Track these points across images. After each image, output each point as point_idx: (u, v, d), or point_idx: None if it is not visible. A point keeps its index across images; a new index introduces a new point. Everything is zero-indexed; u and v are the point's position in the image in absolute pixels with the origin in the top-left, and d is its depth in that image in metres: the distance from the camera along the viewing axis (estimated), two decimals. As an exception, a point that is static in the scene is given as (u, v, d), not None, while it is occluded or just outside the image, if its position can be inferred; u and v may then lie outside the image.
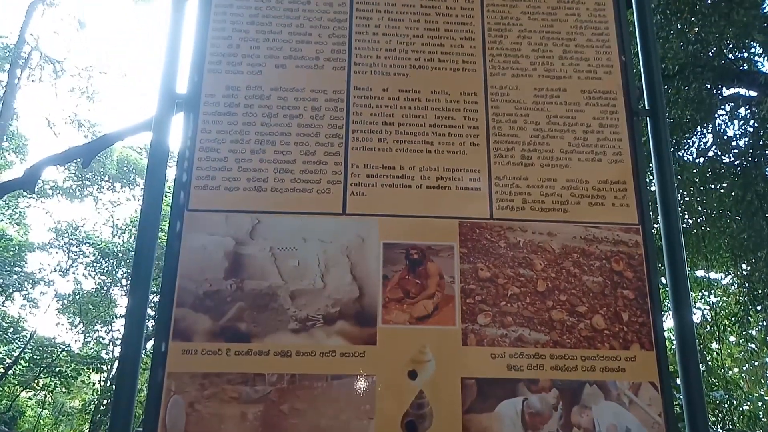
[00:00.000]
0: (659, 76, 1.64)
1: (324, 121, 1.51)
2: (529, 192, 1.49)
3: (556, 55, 1.62)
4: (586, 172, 1.52)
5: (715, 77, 5.75)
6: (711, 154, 6.37)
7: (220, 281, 1.36)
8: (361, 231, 1.42)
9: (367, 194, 1.46)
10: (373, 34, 1.60)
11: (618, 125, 1.57)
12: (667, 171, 1.55)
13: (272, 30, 1.58)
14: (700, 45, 5.72)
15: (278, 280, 1.37)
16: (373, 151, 1.50)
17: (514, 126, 1.55)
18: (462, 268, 1.41)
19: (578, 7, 1.68)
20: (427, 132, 1.53)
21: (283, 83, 1.53)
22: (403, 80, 1.57)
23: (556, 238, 1.46)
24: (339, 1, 1.62)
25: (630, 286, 1.44)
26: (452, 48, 1.61)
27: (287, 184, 1.45)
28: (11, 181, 3.89)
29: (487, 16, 1.65)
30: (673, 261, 1.48)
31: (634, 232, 1.48)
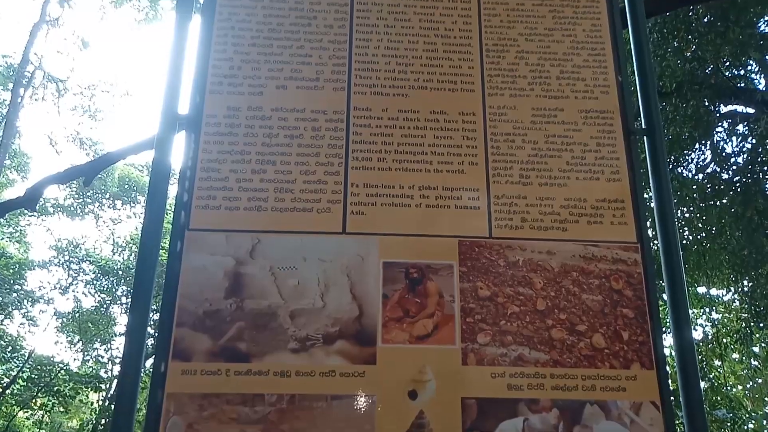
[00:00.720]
0: (655, 96, 1.66)
1: (324, 141, 1.52)
2: (528, 211, 1.50)
3: (554, 76, 1.64)
4: (585, 190, 1.53)
5: (713, 94, 5.80)
6: (710, 170, 6.40)
7: (220, 301, 1.36)
8: (360, 250, 1.43)
9: (366, 213, 1.47)
10: (372, 56, 1.62)
11: (615, 144, 1.58)
12: (665, 189, 1.56)
13: (273, 51, 1.60)
14: (697, 63, 5.78)
15: (278, 300, 1.37)
16: (373, 171, 1.51)
17: (512, 145, 1.56)
18: (462, 286, 1.41)
19: (574, 29, 1.70)
20: (426, 151, 1.54)
21: (283, 104, 1.55)
22: (402, 100, 1.58)
23: (555, 256, 1.47)
24: (339, 24, 1.65)
25: (629, 304, 1.44)
26: (451, 68, 1.63)
27: (287, 204, 1.46)
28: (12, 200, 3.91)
29: (485, 37, 1.67)
30: (673, 279, 1.48)
31: (633, 251, 1.49)
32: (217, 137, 1.50)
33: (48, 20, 13.65)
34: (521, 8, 1.71)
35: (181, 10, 1.63)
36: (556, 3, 1.72)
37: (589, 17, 1.72)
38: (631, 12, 1.74)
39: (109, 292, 14.68)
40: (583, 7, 1.73)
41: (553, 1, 1.72)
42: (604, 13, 1.72)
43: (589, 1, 1.74)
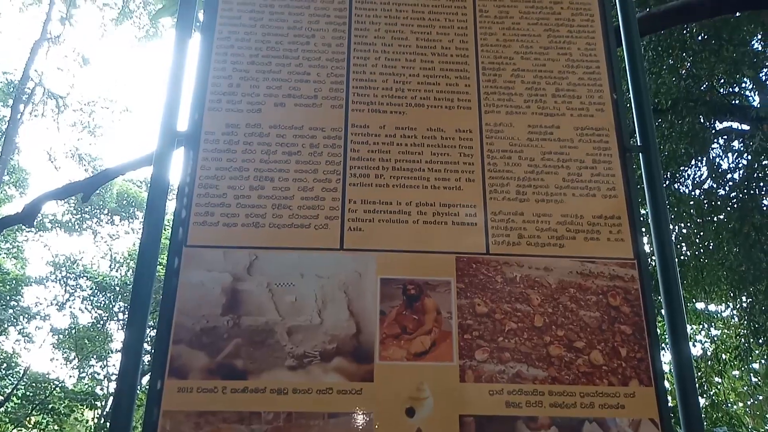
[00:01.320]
0: (650, 113, 1.67)
1: (322, 158, 1.53)
2: (525, 227, 1.51)
3: (549, 93, 1.66)
4: (581, 207, 1.54)
5: (708, 111, 5.86)
6: (706, 186, 6.43)
7: (217, 317, 1.36)
8: (358, 266, 1.43)
9: (364, 230, 1.47)
10: (370, 74, 1.64)
11: (611, 161, 1.60)
12: (661, 206, 1.57)
13: (272, 69, 1.62)
14: (692, 80, 5.84)
15: (275, 316, 1.37)
16: (371, 187, 1.52)
17: (508, 162, 1.57)
18: (459, 303, 1.41)
19: (570, 47, 1.72)
20: (423, 168, 1.55)
21: (282, 121, 1.56)
22: (399, 118, 1.60)
23: (553, 273, 1.47)
24: (337, 42, 1.67)
25: (627, 321, 1.44)
26: (447, 86, 1.65)
27: (285, 220, 1.46)
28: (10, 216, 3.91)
29: (482, 55, 1.69)
30: (670, 295, 1.48)
31: (630, 267, 1.49)
32: (215, 154, 1.51)
33: (49, 38, 13.77)
34: (517, 27, 1.74)
35: (181, 28, 1.65)
36: (552, 22, 1.75)
37: (584, 36, 1.74)
38: (626, 31, 1.77)
39: (106, 309, 14.60)
40: (578, 27, 1.75)
41: (549, 21, 1.75)
42: (599, 32, 1.75)
43: (583, 21, 1.76)
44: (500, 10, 1.76)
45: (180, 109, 1.57)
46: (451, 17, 1.73)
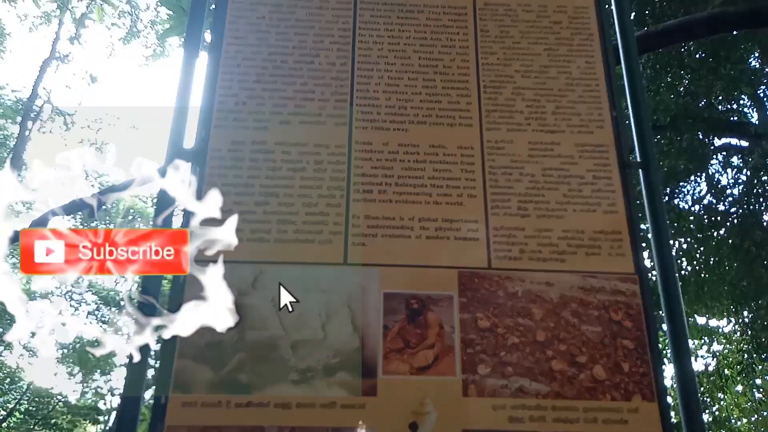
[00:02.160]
0: (650, 130, 1.70)
1: (326, 174, 1.55)
2: (526, 242, 1.53)
3: (549, 111, 1.69)
4: (582, 222, 1.56)
5: (707, 128, 5.90)
6: (706, 202, 6.45)
7: (222, 332, 1.36)
8: (362, 281, 1.45)
9: (367, 244, 1.49)
10: (373, 92, 1.67)
11: (611, 177, 1.62)
12: (661, 221, 1.58)
13: (277, 88, 1.65)
14: (690, 97, 5.89)
15: (279, 331, 1.38)
16: (374, 203, 1.54)
17: (510, 178, 1.60)
18: (462, 317, 1.43)
19: (569, 66, 1.76)
20: (425, 184, 1.57)
21: (287, 138, 1.59)
22: (402, 135, 1.62)
23: (554, 287, 1.48)
24: (341, 61, 1.70)
25: (629, 335, 1.45)
26: (449, 104, 1.68)
27: (290, 235, 1.48)
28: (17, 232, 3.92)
29: (483, 74, 1.73)
30: (671, 310, 1.49)
31: (631, 282, 1.50)
32: (221, 170, 1.54)
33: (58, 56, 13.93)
34: (517, 47, 1.77)
35: (189, 48, 1.69)
36: (551, 42, 1.78)
37: (583, 55, 1.77)
38: (624, 50, 1.80)
39: (111, 323, 14.57)
40: (577, 46, 1.79)
41: (548, 40, 1.79)
42: (598, 51, 1.78)
43: (583, 40, 1.80)
44: (501, 29, 1.79)
45: (187, 127, 1.60)
46: (453, 37, 1.77)
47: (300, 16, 1.76)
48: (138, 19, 13.12)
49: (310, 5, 1.77)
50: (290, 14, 1.76)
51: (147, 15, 13.18)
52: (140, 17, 13.18)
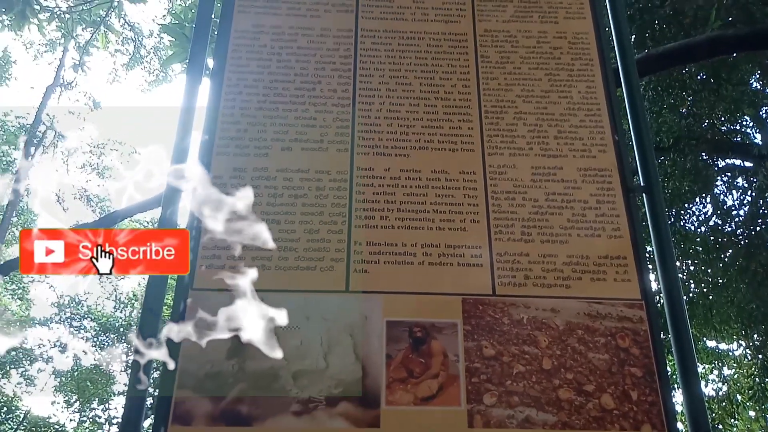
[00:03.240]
0: (652, 154, 1.69)
1: (328, 201, 1.55)
2: (531, 268, 1.51)
3: (551, 135, 1.69)
4: (586, 247, 1.54)
5: (710, 149, 5.90)
6: (712, 223, 6.41)
7: (222, 362, 1.35)
8: (364, 308, 1.43)
9: (370, 271, 1.47)
10: (375, 118, 1.67)
11: (615, 201, 1.60)
12: (666, 246, 1.56)
13: (279, 115, 1.66)
14: (692, 119, 5.90)
15: (280, 361, 1.36)
16: (376, 229, 1.53)
17: (513, 203, 1.59)
18: (466, 345, 1.40)
19: (570, 90, 1.76)
20: (428, 209, 1.56)
21: (288, 164, 1.59)
22: (404, 160, 1.62)
23: (560, 314, 1.46)
24: (342, 88, 1.71)
25: (637, 363, 1.42)
26: (451, 129, 1.67)
27: (291, 262, 1.47)
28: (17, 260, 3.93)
29: (484, 99, 1.73)
30: (679, 335, 1.46)
31: (638, 308, 1.48)
32: (222, 197, 1.53)
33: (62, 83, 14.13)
34: (518, 72, 1.78)
35: (192, 74, 1.70)
36: (552, 67, 1.79)
37: (584, 80, 1.78)
38: (624, 74, 1.81)
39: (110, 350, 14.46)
40: (578, 71, 1.79)
41: (549, 66, 1.79)
42: (599, 75, 1.79)
43: (583, 65, 1.80)
44: (501, 55, 1.80)
45: (189, 153, 1.60)
46: (454, 63, 1.78)
47: (301, 44, 1.77)
48: (141, 45, 13.33)
49: (312, 33, 1.79)
50: (292, 42, 1.77)
51: (150, 41, 13.40)
52: (143, 44, 13.39)
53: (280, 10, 1.83)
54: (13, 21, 4.48)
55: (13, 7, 4.20)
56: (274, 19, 1.81)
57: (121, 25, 10.99)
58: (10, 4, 4.19)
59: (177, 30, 3.56)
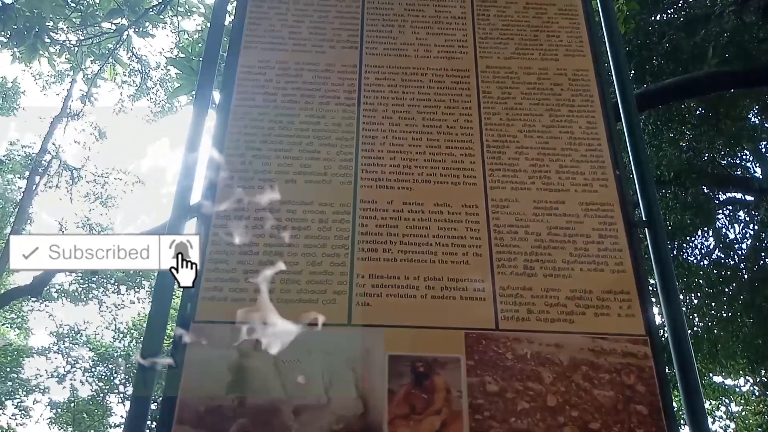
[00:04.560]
0: (653, 189, 1.70)
1: (331, 233, 1.55)
2: (534, 302, 1.50)
3: (553, 170, 1.70)
4: (589, 282, 1.54)
5: (711, 183, 5.93)
6: (715, 257, 6.39)
7: (223, 397, 1.33)
8: (366, 342, 1.42)
9: (372, 304, 1.47)
10: (378, 151, 1.69)
11: (617, 236, 1.61)
12: (670, 280, 1.56)
13: (284, 148, 1.68)
14: (693, 152, 5.95)
15: (281, 395, 1.34)
16: (378, 261, 1.53)
17: (515, 237, 1.59)
18: (469, 381, 1.38)
19: (571, 126, 1.78)
20: (430, 243, 1.56)
21: (292, 197, 1.60)
22: (407, 193, 1.63)
23: (564, 349, 1.44)
24: (347, 122, 1.73)
25: (643, 400, 1.40)
26: (453, 163, 1.69)
27: (293, 295, 1.46)
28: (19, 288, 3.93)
29: (486, 134, 1.75)
30: (685, 373, 1.44)
31: (642, 344, 1.46)
32: (226, 229, 1.54)
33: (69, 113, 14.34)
34: (519, 107, 1.81)
35: (198, 108, 1.73)
36: (552, 102, 1.82)
37: (584, 115, 1.80)
38: (624, 109, 1.83)
39: (107, 381, 14.27)
40: (578, 106, 1.82)
41: (550, 101, 1.82)
42: (599, 111, 1.81)
43: (583, 101, 1.83)
44: (503, 91, 1.83)
45: (194, 186, 1.62)
46: (456, 98, 1.81)
47: (307, 78, 1.81)
48: (148, 77, 13.56)
49: (317, 68, 1.83)
50: (297, 77, 1.81)
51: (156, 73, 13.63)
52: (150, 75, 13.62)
53: (286, 46, 1.87)
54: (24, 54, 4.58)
55: (24, 41, 4.30)
56: (280, 54, 1.85)
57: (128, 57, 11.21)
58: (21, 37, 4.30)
59: (184, 63, 3.63)
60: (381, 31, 1.93)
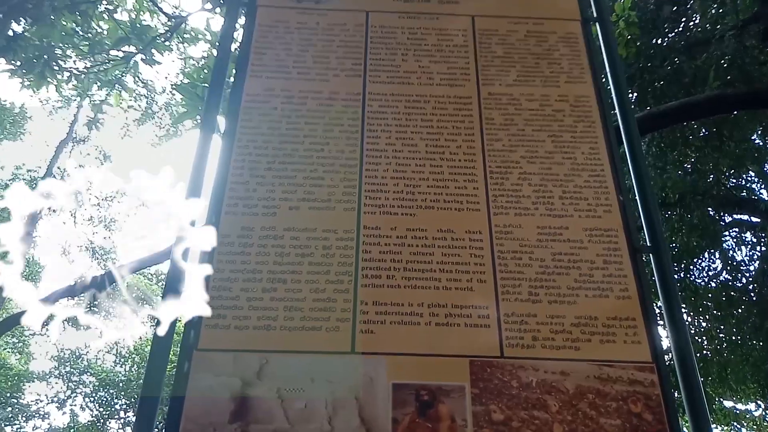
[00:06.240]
0: (657, 214, 1.70)
1: (334, 260, 1.55)
2: (539, 329, 1.49)
3: (556, 196, 1.70)
4: (595, 308, 1.52)
5: (716, 204, 5.91)
6: (722, 279, 6.33)
7: (225, 426, 1.32)
8: (369, 370, 1.40)
9: (376, 332, 1.46)
10: (381, 178, 1.70)
11: (622, 261, 1.60)
12: (675, 306, 1.55)
13: (287, 175, 1.69)
14: (697, 174, 5.94)
15: (284, 425, 1.33)
16: (382, 288, 1.52)
17: (519, 263, 1.58)
18: (474, 410, 1.37)
19: (574, 152, 1.79)
20: (434, 269, 1.56)
21: (295, 224, 1.60)
22: (410, 219, 1.63)
23: (569, 377, 1.43)
24: (350, 149, 1.75)
25: (650, 429, 1.38)
26: (456, 189, 1.70)
27: (296, 323, 1.46)
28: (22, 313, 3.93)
29: (489, 160, 1.76)
30: (692, 400, 1.42)
31: (649, 371, 1.45)
32: (229, 257, 1.54)
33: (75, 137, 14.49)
34: (522, 134, 1.82)
35: (204, 136, 1.74)
36: (555, 129, 1.83)
37: (587, 141, 1.81)
38: (626, 134, 1.84)
39: (108, 406, 14.13)
40: (581, 133, 1.83)
41: (552, 128, 1.83)
42: (601, 137, 1.82)
43: (585, 127, 1.84)
44: (505, 118, 1.85)
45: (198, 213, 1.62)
46: (458, 125, 1.82)
47: (311, 106, 1.83)
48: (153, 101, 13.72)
49: (321, 97, 1.85)
50: (301, 105, 1.83)
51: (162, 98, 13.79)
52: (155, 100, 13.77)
53: (290, 74, 1.90)
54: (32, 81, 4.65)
55: (33, 68, 4.38)
56: (285, 83, 1.87)
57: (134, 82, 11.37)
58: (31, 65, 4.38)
59: (189, 89, 3.68)
60: (384, 59, 1.95)
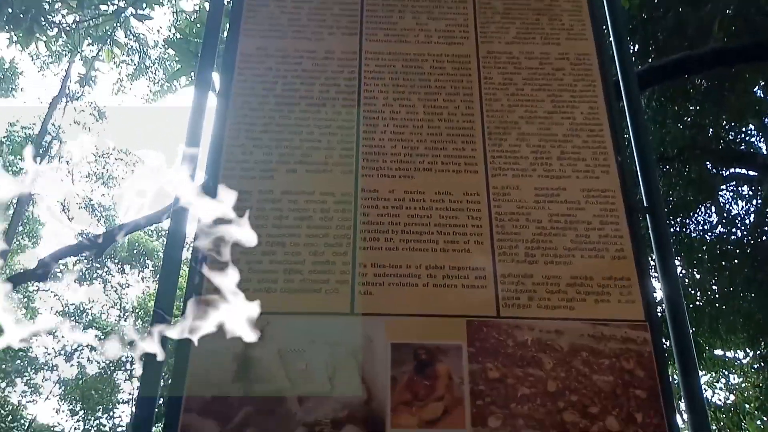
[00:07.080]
0: (655, 174, 1.70)
1: (333, 223, 1.56)
2: (535, 289, 1.51)
3: (554, 156, 1.70)
4: (590, 268, 1.55)
5: (715, 159, 5.89)
6: (717, 232, 6.39)
7: (228, 385, 1.36)
8: (368, 331, 1.44)
9: (374, 293, 1.48)
10: (379, 140, 1.69)
11: (618, 222, 1.61)
12: (670, 266, 1.57)
13: (284, 137, 1.67)
14: (696, 129, 5.90)
15: (286, 384, 1.37)
16: (380, 251, 1.54)
17: (516, 224, 1.59)
18: (471, 368, 1.41)
19: (573, 112, 1.77)
20: (432, 231, 1.57)
21: (293, 187, 1.60)
22: (408, 182, 1.63)
23: (564, 336, 1.46)
24: (347, 111, 1.73)
25: (642, 385, 1.42)
26: (454, 151, 1.69)
27: (296, 285, 1.48)
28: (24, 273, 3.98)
29: (487, 121, 1.74)
30: (682, 352, 1.47)
31: (642, 329, 1.48)
32: (228, 220, 1.55)
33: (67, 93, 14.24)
34: (521, 93, 1.79)
35: (198, 96, 1.72)
36: (554, 88, 1.80)
37: (587, 101, 1.79)
38: (626, 92, 1.82)
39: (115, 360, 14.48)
40: (580, 92, 1.80)
41: (551, 87, 1.81)
42: (601, 96, 1.80)
43: (585, 86, 1.81)
44: (504, 77, 1.82)
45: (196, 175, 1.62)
46: (457, 85, 1.79)
47: (306, 66, 1.79)
48: (146, 56, 13.43)
49: (316, 56, 1.81)
50: (297, 65, 1.79)
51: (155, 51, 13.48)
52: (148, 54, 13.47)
53: (284, 33, 1.85)
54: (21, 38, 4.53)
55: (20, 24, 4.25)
56: (279, 42, 1.83)
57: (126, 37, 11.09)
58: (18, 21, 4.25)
59: (182, 45, 3.60)
60: (381, 16, 1.90)
